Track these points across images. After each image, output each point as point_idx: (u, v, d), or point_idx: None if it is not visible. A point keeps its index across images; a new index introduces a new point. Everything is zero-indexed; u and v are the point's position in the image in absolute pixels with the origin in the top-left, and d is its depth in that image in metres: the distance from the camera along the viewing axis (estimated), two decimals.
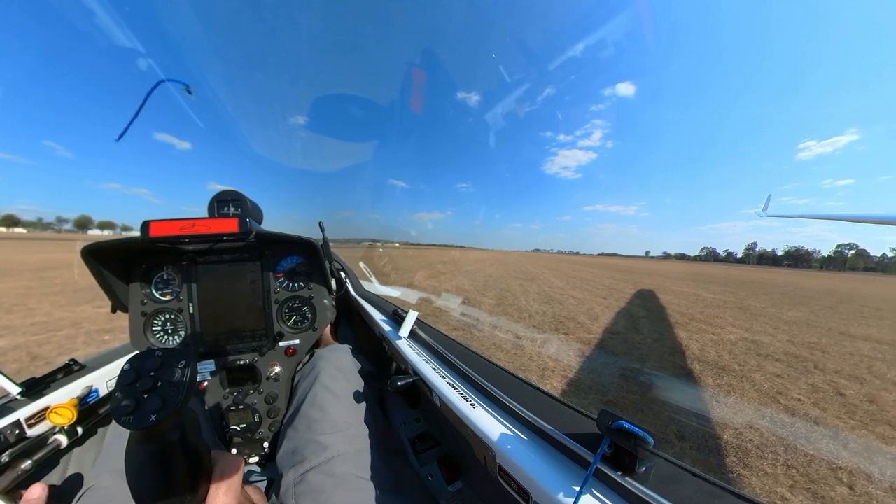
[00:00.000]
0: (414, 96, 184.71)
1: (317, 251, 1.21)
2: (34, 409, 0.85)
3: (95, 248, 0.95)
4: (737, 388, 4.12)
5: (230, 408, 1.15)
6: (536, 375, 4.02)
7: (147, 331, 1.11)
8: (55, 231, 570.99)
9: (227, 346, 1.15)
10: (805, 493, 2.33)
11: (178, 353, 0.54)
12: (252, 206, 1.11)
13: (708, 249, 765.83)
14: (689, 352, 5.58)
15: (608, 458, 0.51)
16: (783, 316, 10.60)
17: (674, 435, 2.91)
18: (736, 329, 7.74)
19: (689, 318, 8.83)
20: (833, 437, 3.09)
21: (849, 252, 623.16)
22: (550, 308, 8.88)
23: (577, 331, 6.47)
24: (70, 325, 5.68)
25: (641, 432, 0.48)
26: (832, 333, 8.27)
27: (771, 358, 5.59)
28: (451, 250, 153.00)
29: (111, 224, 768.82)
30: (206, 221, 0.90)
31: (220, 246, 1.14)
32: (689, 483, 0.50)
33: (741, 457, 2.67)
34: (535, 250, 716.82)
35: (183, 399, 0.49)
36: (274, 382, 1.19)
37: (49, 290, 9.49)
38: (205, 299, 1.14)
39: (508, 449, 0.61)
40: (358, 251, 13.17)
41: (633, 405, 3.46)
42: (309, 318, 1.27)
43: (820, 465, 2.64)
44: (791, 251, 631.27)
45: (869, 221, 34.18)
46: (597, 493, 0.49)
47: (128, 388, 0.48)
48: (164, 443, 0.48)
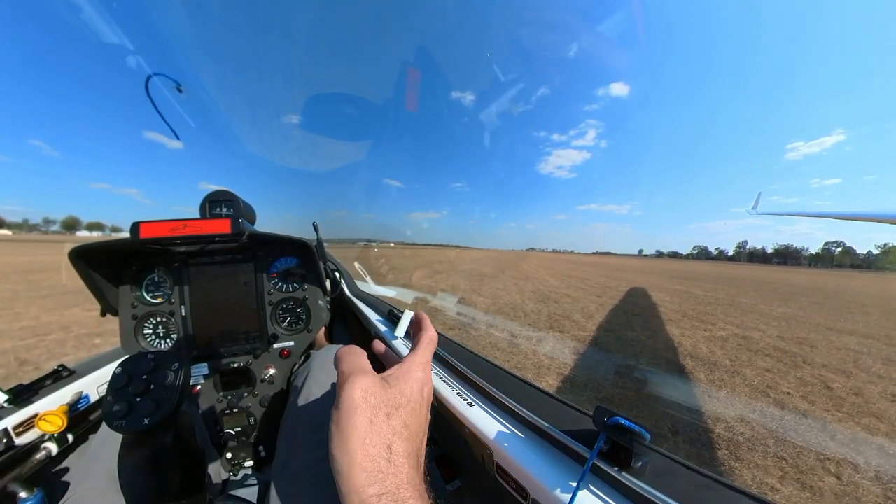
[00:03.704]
0: (408, 95, 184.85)
1: (311, 252, 1.20)
2: (22, 417, 0.83)
3: (84, 249, 0.93)
4: (728, 383, 4.20)
5: (224, 411, 1.14)
6: (532, 373, 4.05)
7: (138, 334, 1.09)
8: (42, 232, 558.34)
9: (220, 348, 1.14)
10: (794, 484, 2.38)
11: (171, 355, 0.53)
12: (245, 206, 1.10)
13: (700, 248, 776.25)
14: (682, 348, 5.67)
15: (604, 453, 0.51)
16: (773, 312, 10.81)
17: (668, 429, 2.95)
18: (727, 325, 7.87)
19: (682, 315, 8.96)
20: (821, 429, 3.17)
21: (836, 250, 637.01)
22: (546, 306, 8.94)
23: (572, 329, 6.52)
24: (59, 328, 5.57)
25: (637, 428, 0.48)
26: (820, 329, 8.46)
27: (761, 353, 5.70)
28: (446, 250, 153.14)
29: (100, 225, 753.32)
30: (198, 222, 0.88)
31: (212, 247, 1.13)
32: (683, 476, 0.51)
33: (733, 450, 2.72)
34: (530, 249, 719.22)
35: (177, 402, 0.49)
36: (269, 385, 1.18)
37: (36, 293, 9.27)
38: (197, 301, 1.12)
39: (506, 447, 0.61)
40: (353, 251, 13.09)
41: (628, 401, 3.50)
42: (303, 320, 1.26)
43: (809, 456, 2.70)
44: (780, 249, 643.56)
45: (855, 219, 35.10)
46: (594, 488, 0.50)
47: (120, 392, 0.47)
48: (157, 447, 0.48)
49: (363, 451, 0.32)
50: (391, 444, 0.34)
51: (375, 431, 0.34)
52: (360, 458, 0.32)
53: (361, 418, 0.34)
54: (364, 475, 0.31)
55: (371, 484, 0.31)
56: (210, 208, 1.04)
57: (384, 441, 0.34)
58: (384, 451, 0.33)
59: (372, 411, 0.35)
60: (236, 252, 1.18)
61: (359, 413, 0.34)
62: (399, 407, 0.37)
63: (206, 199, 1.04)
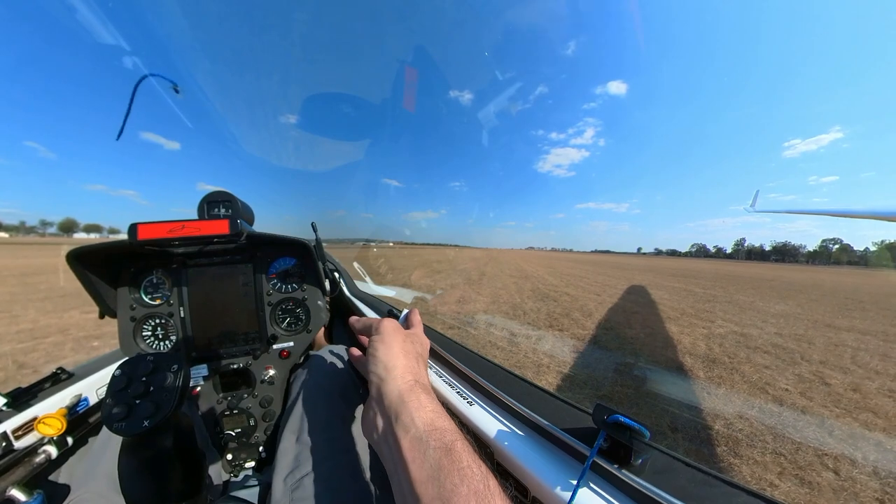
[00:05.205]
0: (406, 95, 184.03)
1: (310, 252, 1.20)
2: (21, 421, 0.82)
3: (81, 252, 0.92)
4: (727, 380, 4.21)
5: (224, 412, 1.13)
6: (532, 372, 4.05)
7: (137, 336, 1.09)
8: (39, 235, 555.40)
9: (219, 349, 1.13)
10: (793, 479, 2.40)
11: (171, 357, 0.53)
12: (243, 206, 1.09)
13: (698, 245, 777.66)
14: (681, 345, 5.69)
15: (604, 451, 0.52)
16: (771, 309, 10.86)
17: (667, 427, 2.96)
18: (726, 322, 7.90)
19: (681, 312, 8.99)
20: (819, 425, 3.19)
21: (833, 247, 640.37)
22: (545, 305, 8.95)
23: (572, 327, 6.54)
24: (57, 331, 5.55)
25: (637, 425, 0.49)
26: (818, 325, 8.50)
27: (759, 350, 5.72)
28: (445, 249, 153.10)
29: (97, 227, 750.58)
30: (196, 223, 0.88)
31: (210, 248, 1.13)
32: (682, 473, 0.51)
33: (732, 446, 2.73)
34: (528, 248, 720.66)
35: (176, 404, 0.49)
36: (268, 386, 1.18)
37: (34, 295, 9.23)
38: (196, 303, 1.12)
39: (506, 445, 0.62)
40: (352, 251, 13.09)
41: (628, 399, 3.51)
42: (303, 320, 1.26)
43: (807, 452, 2.72)
44: (778, 246, 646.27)
45: (853, 216, 35.31)
46: (594, 486, 0.50)
47: (119, 394, 0.47)
48: (157, 449, 0.48)
49: (404, 353, 0.49)
50: (418, 359, 0.51)
51: (408, 346, 0.51)
52: (402, 358, 0.48)
53: (399, 336, 0.53)
54: (405, 367, 0.47)
55: (410, 373, 0.46)
56: (208, 209, 1.04)
57: (414, 354, 0.51)
58: (415, 360, 0.50)
59: (402, 334, 0.54)
60: (235, 253, 1.18)
61: (398, 333, 0.53)
62: (415, 342, 0.55)
63: (204, 200, 1.04)
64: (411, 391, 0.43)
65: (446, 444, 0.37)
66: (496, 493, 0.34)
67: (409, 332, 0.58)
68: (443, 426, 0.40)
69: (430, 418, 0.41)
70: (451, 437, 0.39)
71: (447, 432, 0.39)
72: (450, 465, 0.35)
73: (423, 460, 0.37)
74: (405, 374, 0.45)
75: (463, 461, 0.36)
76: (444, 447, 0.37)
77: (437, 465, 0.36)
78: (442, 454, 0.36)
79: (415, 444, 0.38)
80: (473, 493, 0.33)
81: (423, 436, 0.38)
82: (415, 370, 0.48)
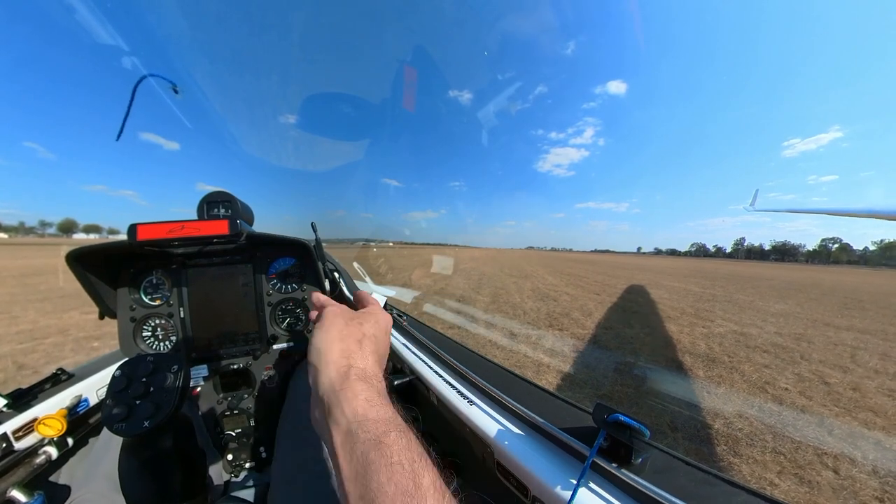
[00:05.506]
0: (406, 94, 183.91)
1: (309, 252, 1.20)
2: (21, 422, 0.82)
3: (81, 252, 0.92)
4: (727, 379, 4.22)
5: (224, 413, 1.13)
6: (532, 371, 4.05)
7: (137, 337, 1.09)
8: (38, 235, 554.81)
9: (219, 350, 1.13)
10: (793, 478, 2.40)
11: (171, 357, 0.53)
12: (242, 207, 1.09)
13: (698, 245, 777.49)
14: (681, 345, 5.69)
15: (604, 450, 0.52)
16: (770, 308, 10.86)
17: (667, 426, 2.96)
18: (725, 322, 7.90)
19: (680, 312, 8.99)
20: (819, 424, 3.19)
21: (833, 246, 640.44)
22: (545, 305, 8.95)
23: (571, 326, 6.54)
24: (57, 332, 5.54)
25: (637, 424, 0.49)
26: (817, 324, 8.51)
27: (759, 349, 5.73)
28: (445, 249, 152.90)
29: (97, 227, 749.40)
30: (196, 224, 0.88)
31: (210, 248, 1.12)
32: (682, 472, 0.51)
33: (732, 445, 2.73)
34: (528, 247, 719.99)
35: (176, 404, 0.49)
36: (268, 386, 1.18)
37: (34, 296, 9.21)
38: (196, 303, 1.12)
39: (506, 445, 0.62)
40: (352, 251, 13.07)
41: (628, 398, 3.51)
42: (303, 320, 1.26)
43: (806, 451, 2.72)
44: (778, 246, 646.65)
45: (852, 215, 35.23)
46: (594, 485, 0.50)
47: (119, 395, 0.47)
48: (158, 449, 0.48)
49: (340, 338, 0.44)
50: (361, 341, 0.45)
51: (350, 329, 0.46)
52: (338, 343, 0.43)
53: (340, 319, 0.47)
54: (340, 353, 0.42)
55: (345, 359, 0.41)
56: (208, 209, 1.04)
57: (356, 337, 0.45)
58: (356, 344, 0.44)
59: (346, 317, 0.48)
60: (234, 253, 1.18)
61: (338, 317, 0.47)
62: (365, 322, 0.49)
63: (204, 201, 1.04)
64: (344, 379, 0.39)
65: (376, 436, 0.33)
66: (429, 491, 0.30)
67: (358, 313, 0.51)
68: (375, 416, 0.36)
69: (362, 409, 0.36)
70: (382, 428, 0.35)
71: (380, 423, 0.35)
72: (378, 461, 0.32)
73: (352, 456, 0.33)
74: (339, 359, 0.41)
75: (393, 456, 0.32)
76: (373, 440, 0.33)
77: (365, 461, 0.32)
78: (371, 448, 0.33)
79: (346, 438, 0.35)
80: (401, 492, 0.29)
81: (353, 428, 0.35)
82: (351, 353, 0.42)
